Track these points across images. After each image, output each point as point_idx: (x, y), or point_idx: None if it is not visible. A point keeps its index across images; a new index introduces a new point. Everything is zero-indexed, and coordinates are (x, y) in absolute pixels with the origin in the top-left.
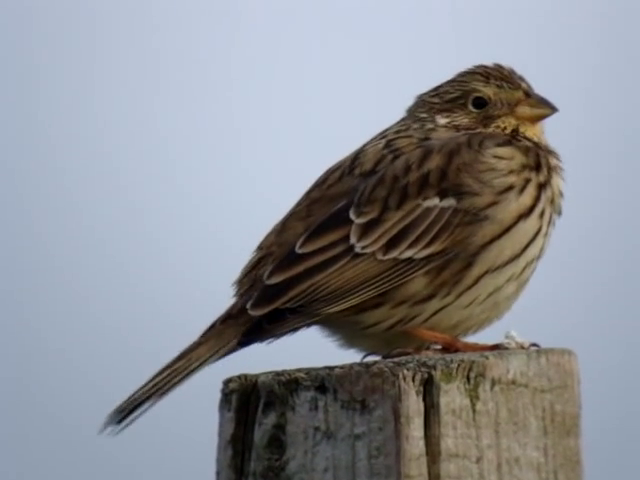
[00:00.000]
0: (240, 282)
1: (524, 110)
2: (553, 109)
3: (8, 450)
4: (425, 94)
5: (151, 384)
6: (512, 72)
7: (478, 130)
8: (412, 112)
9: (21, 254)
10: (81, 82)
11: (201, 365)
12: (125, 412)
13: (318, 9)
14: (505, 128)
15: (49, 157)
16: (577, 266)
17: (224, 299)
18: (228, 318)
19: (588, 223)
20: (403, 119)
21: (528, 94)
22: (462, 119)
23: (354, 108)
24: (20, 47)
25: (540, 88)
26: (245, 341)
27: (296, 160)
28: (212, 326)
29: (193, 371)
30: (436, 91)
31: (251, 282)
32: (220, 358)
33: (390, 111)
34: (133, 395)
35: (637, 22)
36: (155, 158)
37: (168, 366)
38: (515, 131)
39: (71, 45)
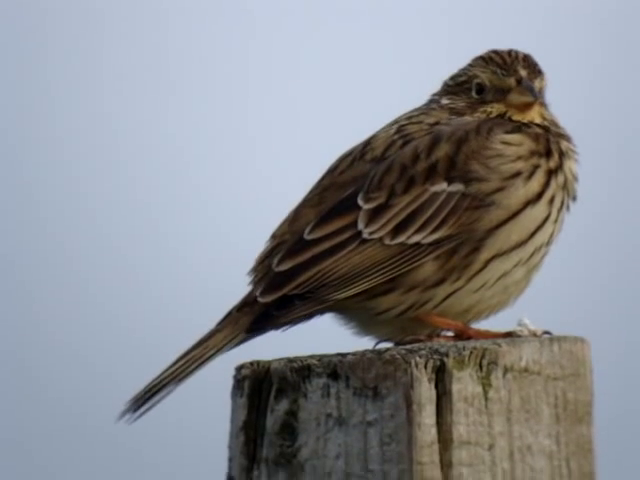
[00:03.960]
0: (255, 270)
1: (512, 97)
2: (535, 98)
3: (22, 443)
4: (446, 79)
5: (168, 372)
6: (518, 58)
7: (483, 116)
8: (431, 96)
9: (34, 251)
10: (92, 83)
11: (217, 352)
12: (142, 400)
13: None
14: (490, 113)
15: (63, 159)
16: (590, 253)
17: (239, 288)
18: (244, 306)
19: (602, 208)
20: (423, 104)
21: (520, 82)
22: (459, 102)
23: (367, 99)
24: (29, 47)
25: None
26: (255, 329)
27: (309, 149)
28: (228, 314)
29: (209, 358)
30: (453, 75)
31: (265, 270)
32: (236, 345)
33: (403, 101)
34: (150, 383)
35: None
36: (167, 150)
37: (185, 354)
38: (501, 116)
39: (81, 45)
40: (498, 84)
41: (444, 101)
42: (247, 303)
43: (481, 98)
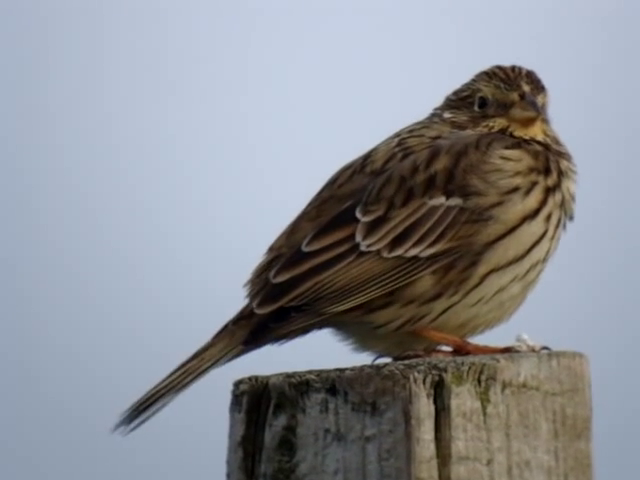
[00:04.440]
0: (251, 283)
1: (515, 112)
2: (537, 113)
3: (17, 448)
4: (450, 93)
5: (163, 384)
6: (521, 73)
7: (484, 130)
8: (435, 110)
9: (33, 256)
10: (90, 84)
11: (213, 365)
12: (137, 412)
13: (331, 7)
14: (492, 127)
15: (61, 161)
16: (589, 269)
17: (236, 301)
18: (240, 319)
19: (601, 225)
20: (425, 118)
21: (523, 97)
22: (462, 116)
23: (368, 111)
24: (28, 48)
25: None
26: (252, 340)
27: (308, 162)
28: (225, 327)
29: (205, 371)
30: (456, 89)
31: (262, 283)
32: (232, 359)
33: (405, 114)
34: (145, 395)
35: (638, 20)
36: (166, 162)
37: (181, 366)
38: (503, 130)
39: (80, 46)
40: (501, 98)
41: (446, 115)
42: (243, 316)
43: (483, 112)
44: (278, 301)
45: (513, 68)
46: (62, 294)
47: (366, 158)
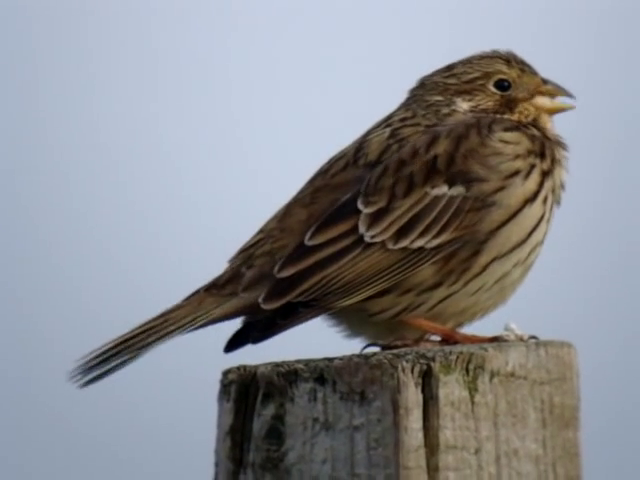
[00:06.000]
0: (234, 258)
1: (544, 102)
2: (572, 103)
3: (6, 445)
4: (435, 75)
5: (122, 340)
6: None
7: (522, 118)
8: (420, 96)
9: (17, 244)
10: (80, 81)
11: (178, 329)
12: (94, 364)
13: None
14: (528, 115)
15: (49, 155)
16: (577, 258)
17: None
18: (212, 287)
19: (589, 214)
20: (408, 104)
21: (545, 81)
22: (486, 102)
23: (351, 99)
24: (19, 48)
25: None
26: (259, 337)
27: (293, 151)
28: (196, 292)
29: (169, 334)
30: (450, 71)
31: (245, 258)
32: (199, 327)
33: (386, 101)
34: (104, 347)
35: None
36: (151, 151)
37: (144, 324)
38: (535, 120)
39: (70, 45)
40: (527, 82)
41: (464, 104)
42: (216, 285)
43: (508, 95)
44: (285, 296)
45: (509, 53)
46: (48, 287)
47: (358, 150)
